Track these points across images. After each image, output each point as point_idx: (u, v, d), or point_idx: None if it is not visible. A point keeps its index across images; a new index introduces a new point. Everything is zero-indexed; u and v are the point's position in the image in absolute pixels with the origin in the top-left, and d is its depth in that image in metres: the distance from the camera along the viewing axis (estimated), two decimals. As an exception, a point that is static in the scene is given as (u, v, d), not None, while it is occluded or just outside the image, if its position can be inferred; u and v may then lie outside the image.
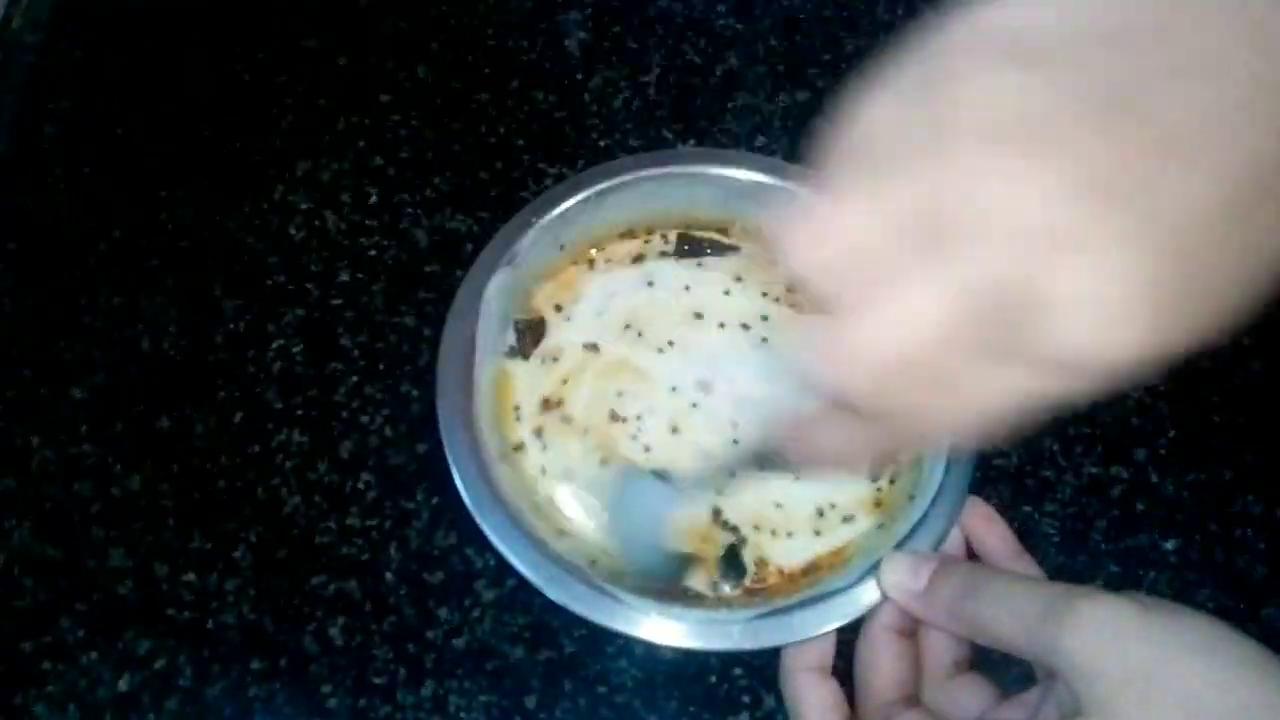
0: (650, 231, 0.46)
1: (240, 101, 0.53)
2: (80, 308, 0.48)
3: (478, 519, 0.38)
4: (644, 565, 0.39)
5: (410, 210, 0.50)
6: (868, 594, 0.37)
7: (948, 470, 0.39)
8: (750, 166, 0.46)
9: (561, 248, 0.45)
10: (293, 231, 0.49)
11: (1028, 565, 0.38)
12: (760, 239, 0.46)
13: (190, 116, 0.52)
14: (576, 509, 0.41)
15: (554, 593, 0.37)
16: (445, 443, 0.40)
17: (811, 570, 0.40)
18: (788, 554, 0.40)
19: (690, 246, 0.46)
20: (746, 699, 0.41)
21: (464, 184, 0.51)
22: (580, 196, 0.45)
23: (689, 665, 0.41)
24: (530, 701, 0.41)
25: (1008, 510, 0.40)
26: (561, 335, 0.44)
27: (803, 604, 0.37)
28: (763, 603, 0.38)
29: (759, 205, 0.46)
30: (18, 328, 0.47)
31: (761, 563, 0.40)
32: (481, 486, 0.39)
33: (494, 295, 0.42)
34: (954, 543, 0.39)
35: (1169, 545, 0.43)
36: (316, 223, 0.50)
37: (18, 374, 0.46)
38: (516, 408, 0.43)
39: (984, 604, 0.33)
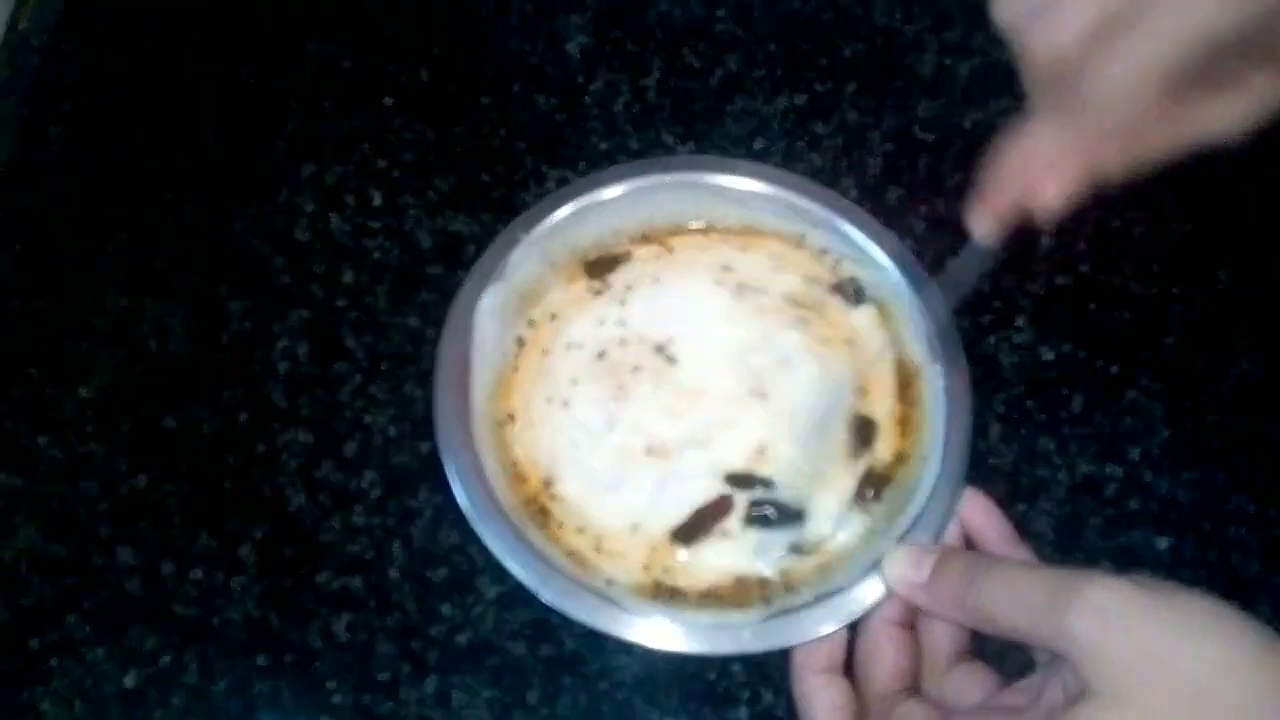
0: (634, 241, 0.46)
1: (245, 105, 0.53)
2: (87, 309, 0.48)
3: (477, 528, 0.39)
4: None
5: (413, 212, 0.50)
6: (873, 592, 0.38)
7: (944, 463, 0.40)
8: (739, 173, 0.46)
9: (552, 264, 0.45)
10: (297, 233, 0.50)
11: (1025, 555, 0.38)
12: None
13: (195, 119, 0.53)
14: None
15: (565, 604, 0.38)
16: (444, 460, 0.40)
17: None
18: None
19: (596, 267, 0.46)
20: (745, 695, 0.41)
21: (466, 186, 0.51)
22: (569, 209, 0.45)
23: (689, 662, 0.41)
24: (532, 697, 0.41)
25: (1002, 509, 0.40)
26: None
27: (810, 604, 0.38)
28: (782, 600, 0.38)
29: (745, 209, 0.46)
30: (25, 328, 0.48)
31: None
32: (482, 498, 0.39)
33: (486, 311, 0.43)
34: (952, 536, 0.39)
35: (1162, 544, 0.44)
36: (321, 225, 0.50)
37: (25, 374, 0.47)
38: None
39: (988, 591, 0.33)
